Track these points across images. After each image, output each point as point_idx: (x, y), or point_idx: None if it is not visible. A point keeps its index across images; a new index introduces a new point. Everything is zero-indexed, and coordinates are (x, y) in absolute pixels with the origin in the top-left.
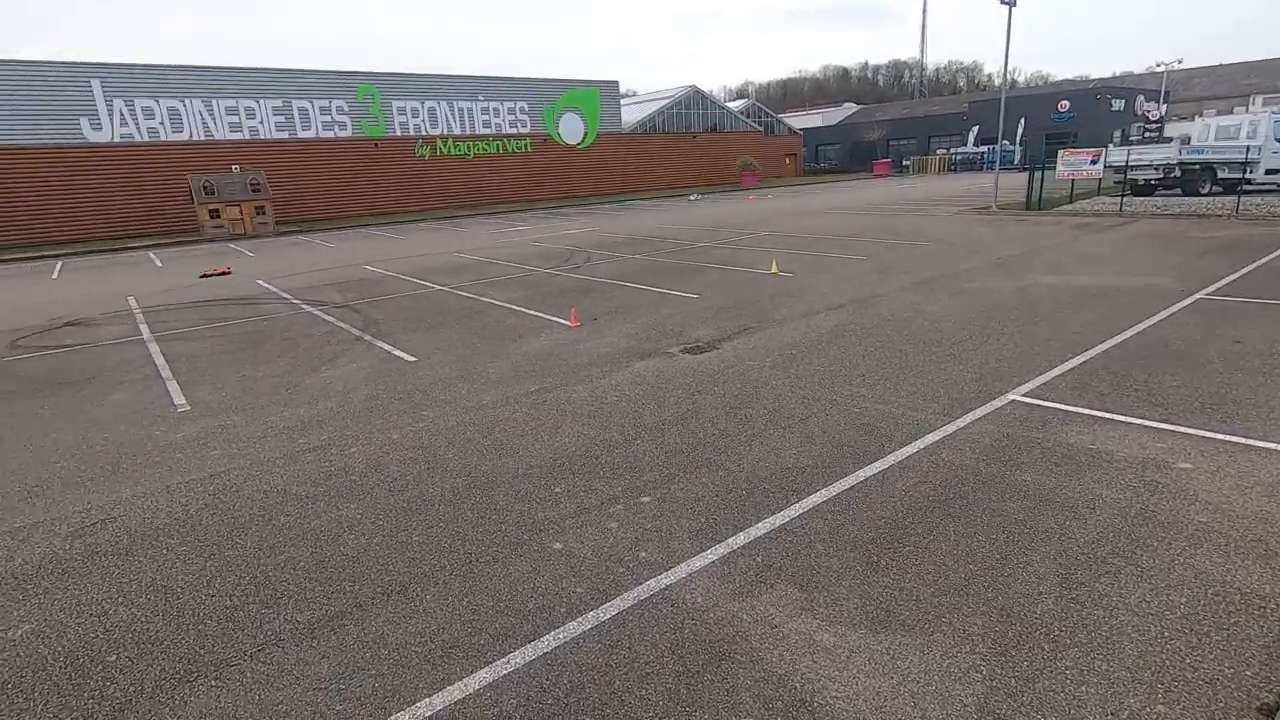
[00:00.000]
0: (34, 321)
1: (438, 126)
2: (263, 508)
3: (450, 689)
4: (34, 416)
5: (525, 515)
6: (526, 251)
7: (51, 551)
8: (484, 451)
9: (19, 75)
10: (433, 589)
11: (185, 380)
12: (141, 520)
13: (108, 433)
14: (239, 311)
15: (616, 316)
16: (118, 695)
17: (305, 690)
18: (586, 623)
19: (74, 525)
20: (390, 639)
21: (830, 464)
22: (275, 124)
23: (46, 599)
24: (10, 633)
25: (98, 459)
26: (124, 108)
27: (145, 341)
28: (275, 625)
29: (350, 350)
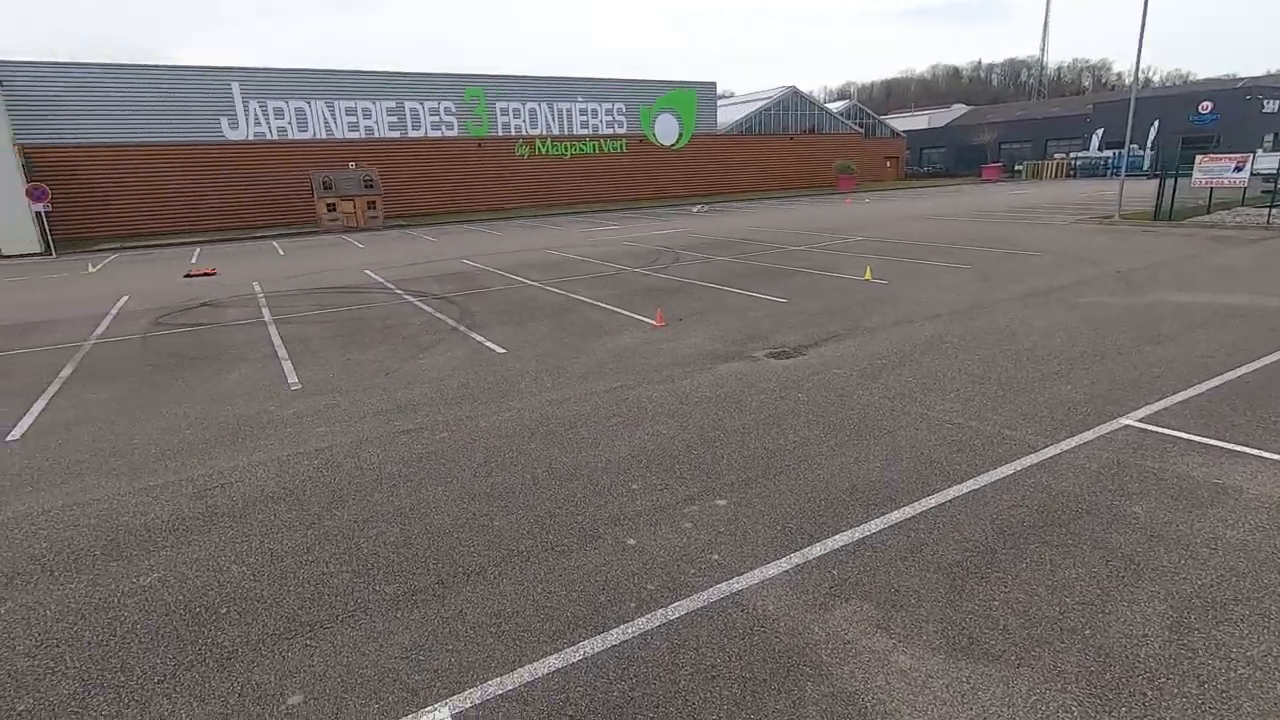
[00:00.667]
0: (174, 302)
1: (537, 127)
2: (359, 484)
3: (520, 670)
4: (170, 388)
5: (601, 509)
6: (616, 250)
7: (177, 510)
8: (565, 444)
9: (169, 79)
10: (510, 573)
11: (298, 360)
12: (254, 487)
13: (230, 405)
14: (347, 299)
15: (702, 318)
16: (226, 644)
17: (388, 658)
18: (655, 620)
19: (198, 487)
20: (468, 617)
21: (916, 480)
22: (388, 124)
23: (172, 551)
24: (142, 579)
25: (220, 429)
26: (258, 108)
27: (265, 324)
28: (364, 594)
29: (446, 340)
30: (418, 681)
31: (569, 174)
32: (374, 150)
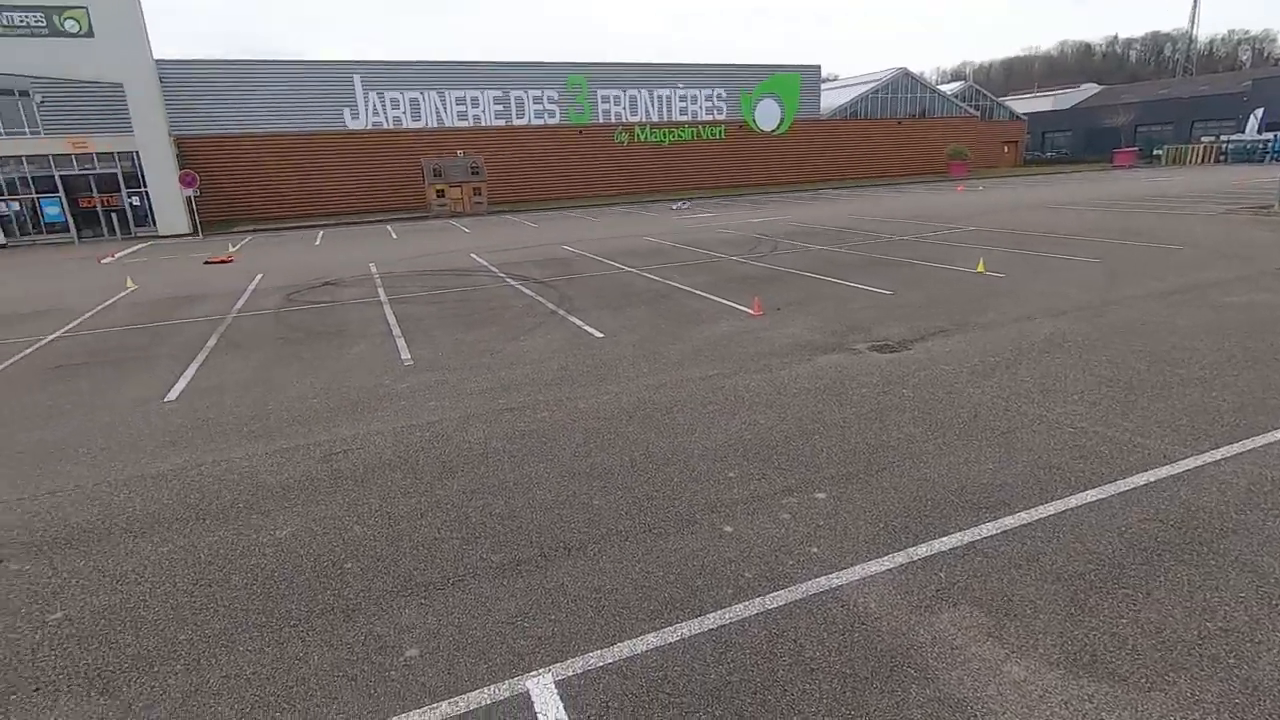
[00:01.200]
0: (302, 280)
1: (637, 114)
2: (467, 457)
3: (620, 645)
4: (299, 359)
5: (698, 495)
6: (713, 238)
7: (307, 471)
8: (661, 429)
9: (299, 73)
10: (608, 551)
11: (411, 338)
12: (373, 454)
13: (351, 378)
14: (455, 281)
15: (801, 308)
16: (350, 597)
17: (495, 623)
18: (753, 608)
19: (324, 451)
20: (569, 590)
21: (1033, 486)
22: (494, 112)
23: (303, 509)
24: (278, 532)
25: (343, 399)
26: (377, 99)
27: (381, 303)
28: (473, 561)
29: (546, 323)
30: (523, 646)
31: (667, 161)
32: (480, 138)
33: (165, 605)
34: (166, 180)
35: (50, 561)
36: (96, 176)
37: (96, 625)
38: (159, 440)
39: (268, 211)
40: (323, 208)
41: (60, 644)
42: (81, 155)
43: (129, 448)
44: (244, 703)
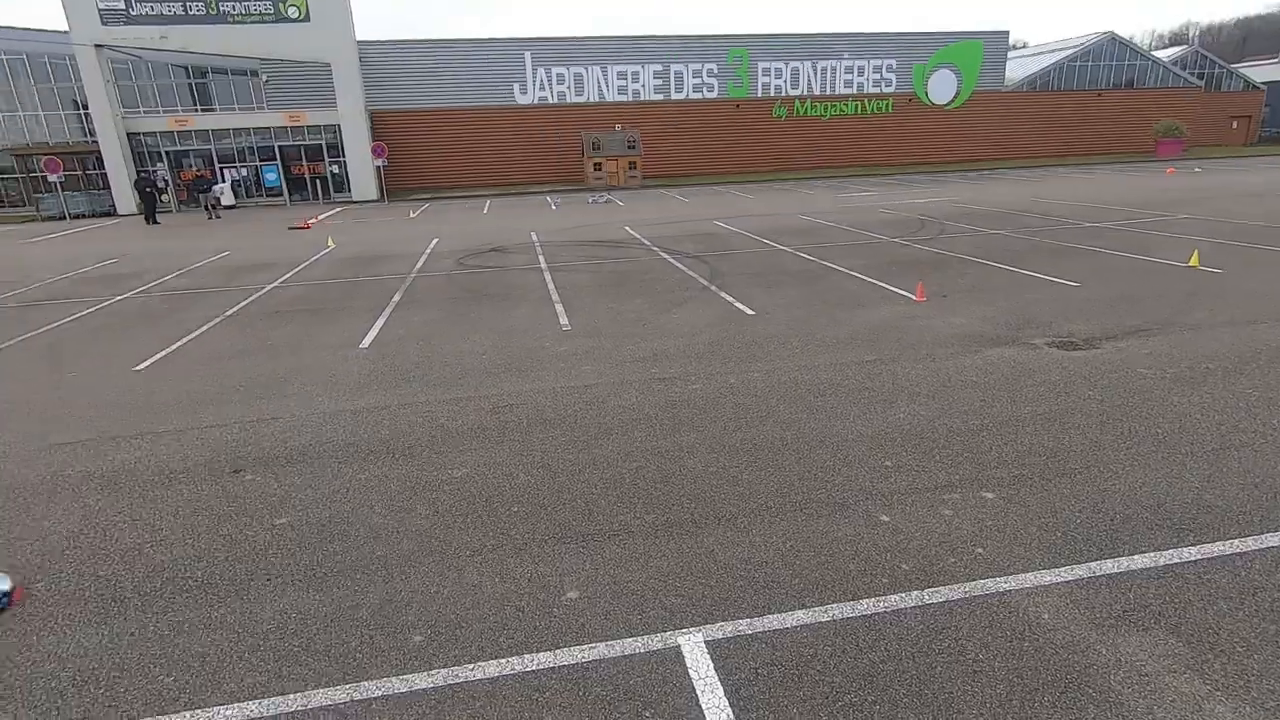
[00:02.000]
0: (471, 246)
1: (798, 87)
2: (621, 420)
3: (769, 617)
4: (469, 318)
5: (851, 481)
6: (874, 218)
7: (479, 420)
8: (813, 411)
9: (475, 51)
10: (759, 525)
11: (568, 305)
12: (535, 409)
13: (515, 338)
14: (610, 252)
15: (970, 296)
16: (516, 538)
17: (649, 577)
18: (909, 600)
19: (493, 404)
20: (719, 557)
21: (1253, 510)
22: (654, 87)
23: (475, 454)
24: (454, 471)
25: (508, 357)
26: (544, 75)
27: (542, 270)
28: (627, 518)
29: (697, 297)
30: (674, 604)
31: (827, 136)
32: (637, 112)
33: (365, 523)
34: (361, 150)
35: (276, 476)
36: (306, 147)
37: (312, 533)
38: (354, 382)
39: (442, 180)
40: (490, 178)
41: (285, 545)
42: (295, 128)
43: (331, 386)
44: (429, 616)
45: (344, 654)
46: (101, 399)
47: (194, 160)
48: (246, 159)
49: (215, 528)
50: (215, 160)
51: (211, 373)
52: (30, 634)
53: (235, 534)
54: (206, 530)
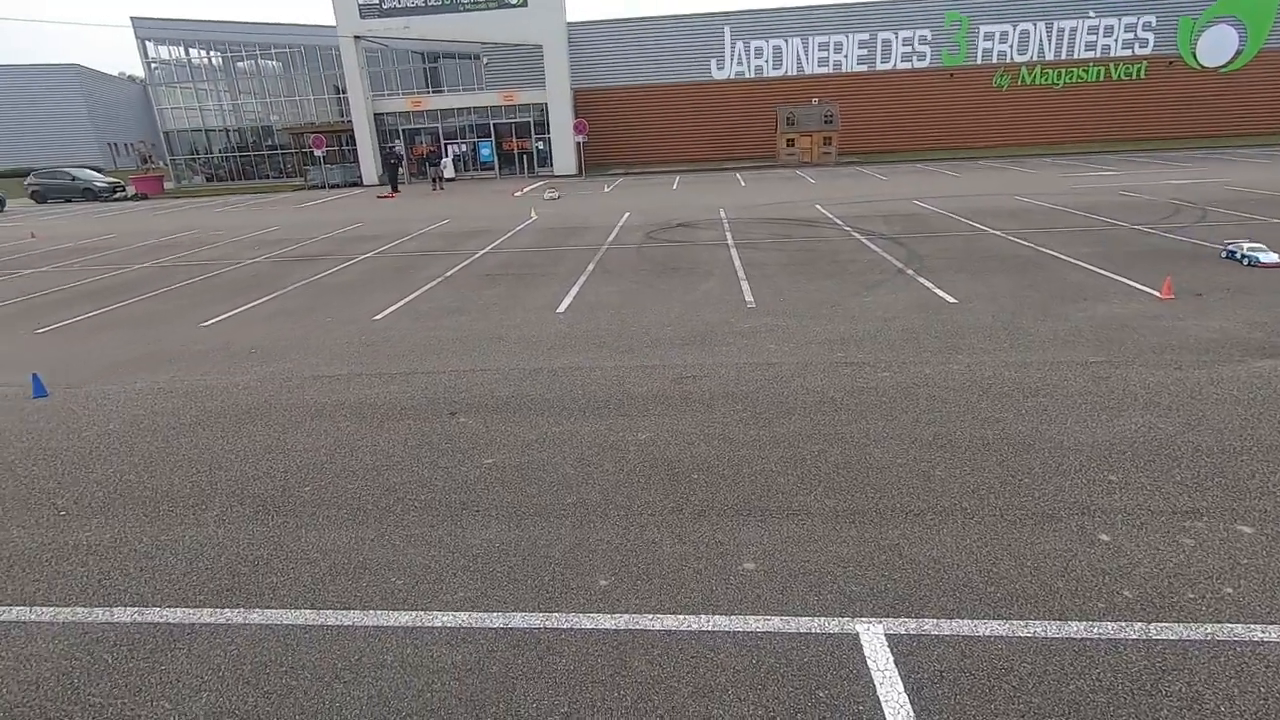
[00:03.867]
0: (660, 220)
1: (1026, 52)
2: (803, 401)
3: (959, 622)
4: (656, 290)
5: (1064, 492)
6: (1110, 201)
7: (662, 388)
8: (1022, 412)
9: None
10: (950, 525)
11: (754, 282)
12: (716, 383)
13: (699, 312)
14: (799, 231)
15: (1234, 297)
16: (696, 504)
17: (828, 561)
18: (1131, 631)
19: (676, 374)
20: (905, 552)
21: None
22: (857, 57)
23: (656, 419)
24: (639, 434)
25: (693, 329)
26: (743, 48)
27: (728, 246)
28: (806, 500)
29: (891, 281)
30: (854, 592)
31: (1059, 107)
32: (837, 85)
33: (558, 472)
34: (564, 128)
35: (485, 421)
36: (516, 124)
37: (513, 475)
38: (551, 342)
39: (636, 156)
40: (682, 154)
41: (490, 483)
42: (508, 107)
43: (531, 345)
44: (613, 564)
45: (539, 586)
46: (351, 342)
47: (424, 137)
48: (466, 136)
49: (435, 460)
50: (441, 137)
51: (433, 326)
52: (302, 532)
53: (452, 468)
54: (429, 462)
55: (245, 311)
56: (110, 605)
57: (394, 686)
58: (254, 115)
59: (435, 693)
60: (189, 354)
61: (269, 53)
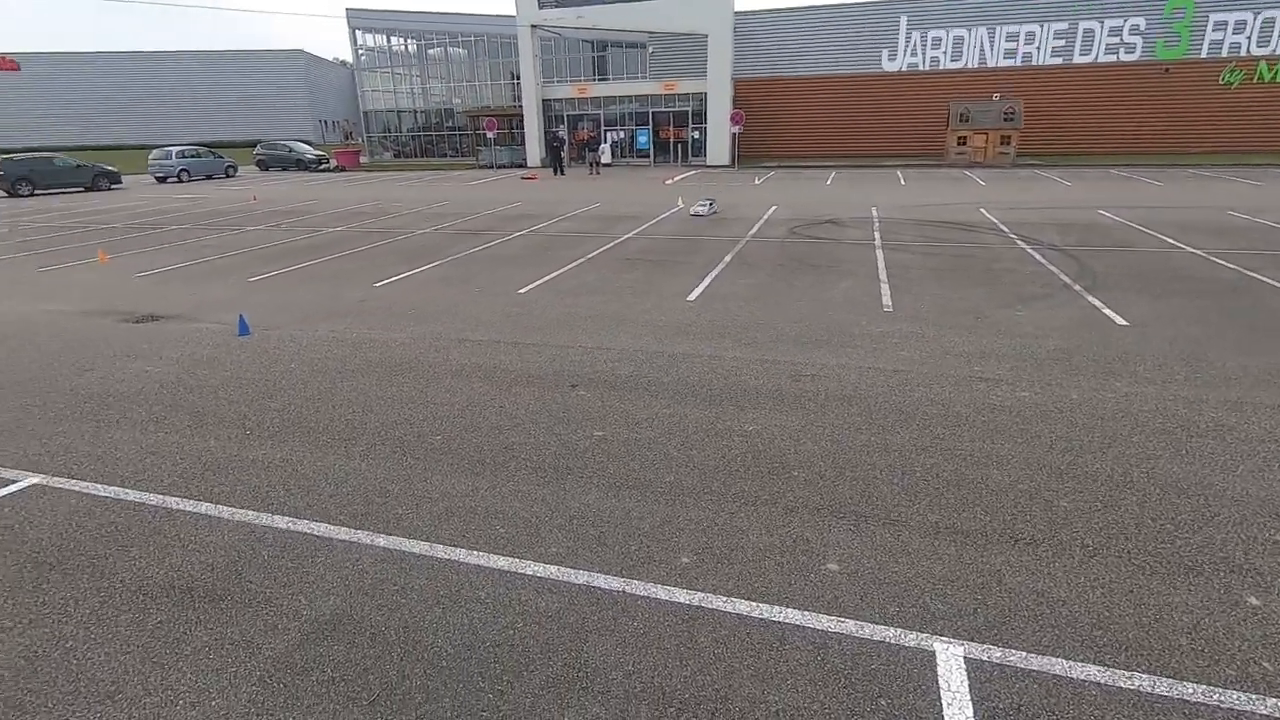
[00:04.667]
0: (807, 216)
1: (1269, 44)
2: (924, 412)
3: (1051, 659)
4: (790, 286)
5: (1213, 545)
6: None
7: (778, 384)
8: (1181, 452)
9: (846, 16)
10: (1064, 560)
11: (895, 286)
12: (836, 384)
13: (831, 311)
14: (955, 235)
15: None
16: (790, 499)
17: (917, 575)
18: (1263, 706)
19: (795, 371)
20: (1005, 580)
21: None
22: (1051, 49)
23: (767, 413)
24: (747, 426)
25: (820, 328)
26: (919, 39)
27: (874, 247)
28: (906, 511)
29: (1054, 296)
30: (938, 610)
31: None
32: (1023, 79)
33: (659, 452)
34: (721, 118)
35: (601, 396)
36: (674, 113)
37: (619, 449)
38: (677, 329)
39: (792, 150)
40: (839, 149)
41: (596, 453)
42: (667, 96)
43: (658, 329)
44: (697, 544)
45: (624, 553)
46: (496, 311)
47: (586, 123)
48: (625, 123)
49: (551, 427)
50: (602, 124)
51: (570, 303)
52: (428, 474)
53: (564, 435)
54: (545, 427)
55: (411, 276)
56: (272, 512)
57: (484, 620)
58: (438, 98)
59: (518, 631)
60: (361, 310)
61: (456, 41)
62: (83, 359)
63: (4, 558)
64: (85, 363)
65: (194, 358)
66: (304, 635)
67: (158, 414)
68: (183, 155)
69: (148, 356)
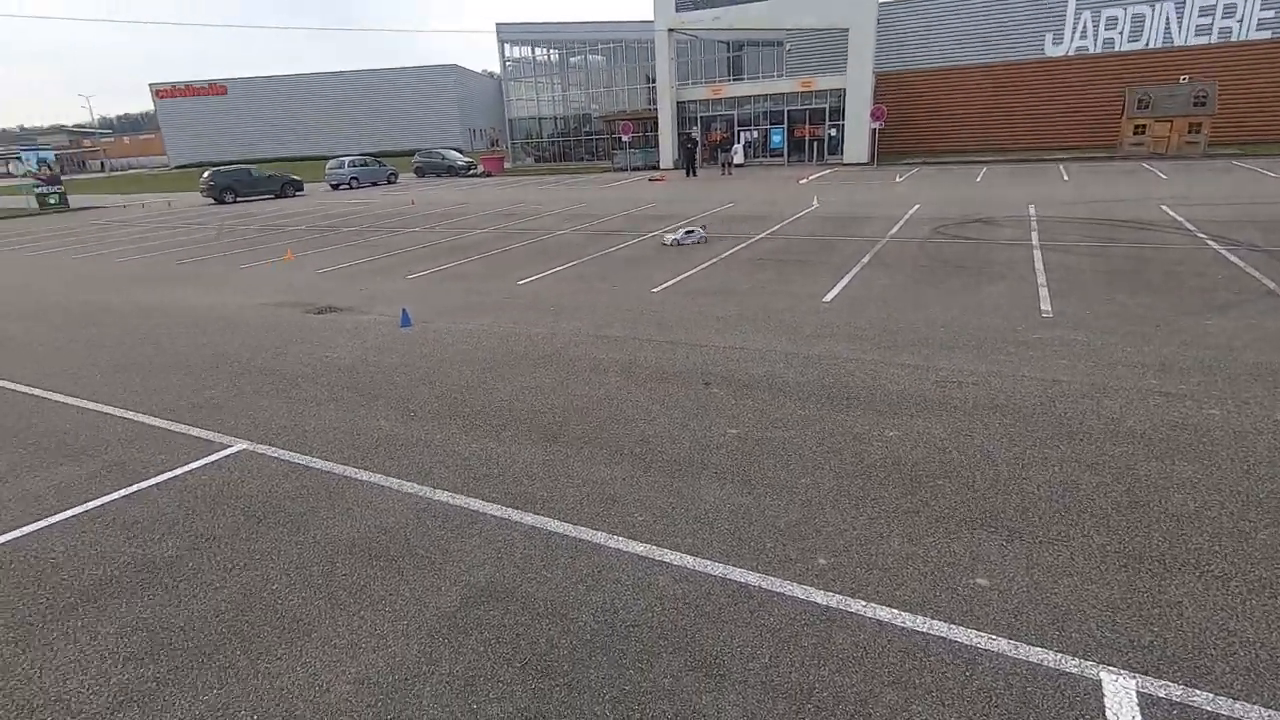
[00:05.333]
0: (954, 215)
1: None
2: (1089, 427)
3: (1241, 705)
4: (935, 288)
5: None
6: None
7: (921, 389)
8: None
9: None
10: (1261, 597)
11: (1056, 290)
12: (984, 393)
13: (980, 316)
14: (1129, 235)
15: None
16: (936, 509)
17: (1079, 599)
18: None
19: (940, 377)
20: (1187, 612)
21: None
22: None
23: (908, 419)
24: (888, 432)
25: (968, 334)
26: (1090, 19)
27: (1031, 247)
28: (1069, 530)
29: (1252, 304)
30: (1106, 638)
31: None
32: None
33: (795, 453)
34: (859, 114)
35: (735, 395)
36: (810, 111)
37: (754, 447)
38: (813, 330)
39: (936, 145)
40: (992, 142)
41: (730, 450)
42: (804, 93)
43: (792, 330)
44: (834, 548)
45: (759, 550)
46: (630, 309)
47: (719, 124)
48: (759, 122)
49: (685, 422)
50: (735, 124)
51: (702, 303)
52: (570, 461)
53: (698, 431)
54: (679, 423)
55: (550, 275)
56: (434, 487)
57: (623, 599)
58: (577, 104)
59: (656, 613)
60: (506, 304)
61: (595, 48)
62: (277, 344)
63: (226, 508)
64: (279, 347)
65: (365, 346)
66: (464, 599)
67: (337, 394)
68: (353, 165)
69: (327, 344)
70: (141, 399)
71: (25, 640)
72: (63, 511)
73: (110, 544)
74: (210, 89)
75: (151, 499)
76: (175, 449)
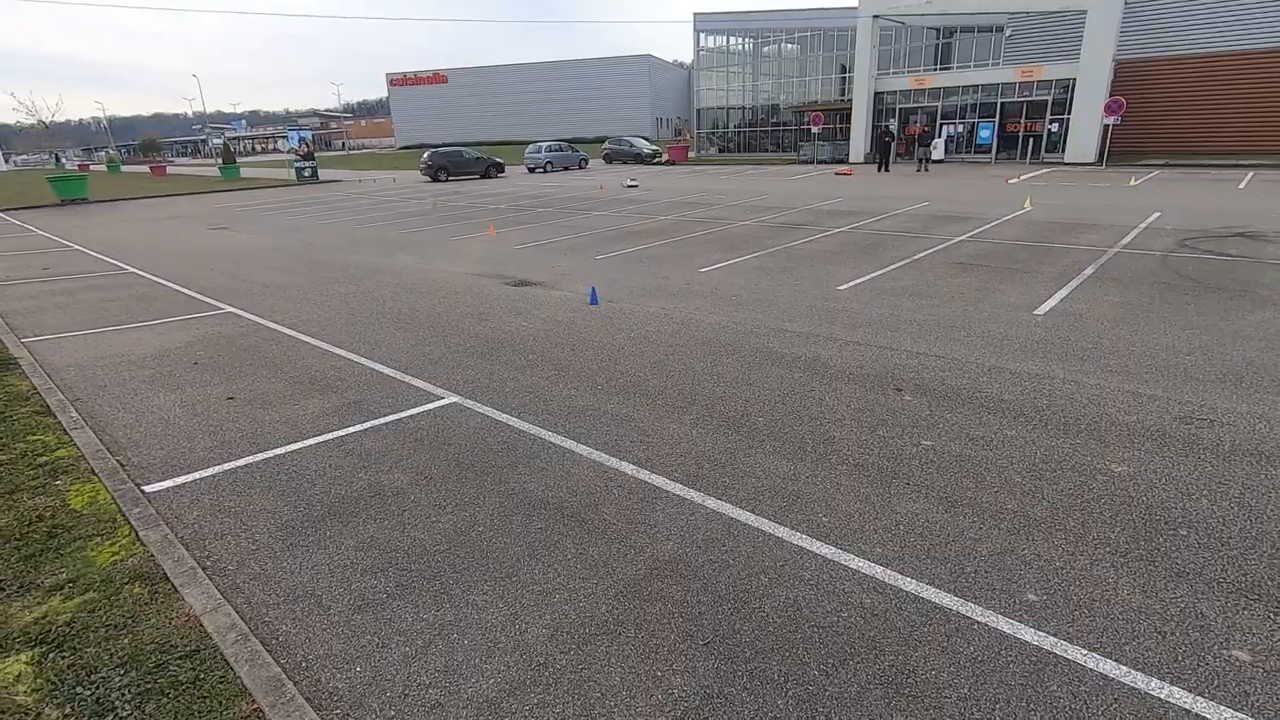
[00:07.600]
0: (1206, 226)
1: None
2: None
3: None
4: (1178, 309)
5: None
6: None
7: (1160, 424)
8: None
9: None
10: None
11: None
12: (1245, 436)
13: (1241, 345)
14: None
15: None
16: (1174, 561)
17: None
18: None
19: (1185, 412)
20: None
21: None
22: None
23: (1143, 455)
24: (1114, 465)
25: (1221, 365)
26: None
27: None
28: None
29: None
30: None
31: None
32: None
33: (1000, 476)
34: (1091, 107)
35: (931, 405)
36: (1030, 103)
37: (951, 463)
38: (1022, 344)
39: (1183, 145)
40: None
41: (925, 463)
42: (1024, 83)
43: (996, 342)
44: (1046, 585)
45: (957, 571)
46: (813, 305)
47: (920, 116)
48: (966, 115)
49: (874, 428)
50: (938, 116)
51: (893, 305)
52: (752, 451)
53: (889, 438)
54: (868, 427)
55: (732, 264)
56: (620, 458)
57: (807, 599)
58: (766, 95)
59: (841, 619)
60: (687, 291)
61: (791, 37)
62: (481, 310)
63: (441, 452)
64: (483, 313)
65: (556, 319)
66: (649, 569)
67: (532, 361)
68: (549, 150)
69: (524, 314)
70: (372, 348)
71: (289, 539)
72: (315, 436)
73: (350, 469)
74: (434, 78)
75: (383, 435)
76: (400, 395)
